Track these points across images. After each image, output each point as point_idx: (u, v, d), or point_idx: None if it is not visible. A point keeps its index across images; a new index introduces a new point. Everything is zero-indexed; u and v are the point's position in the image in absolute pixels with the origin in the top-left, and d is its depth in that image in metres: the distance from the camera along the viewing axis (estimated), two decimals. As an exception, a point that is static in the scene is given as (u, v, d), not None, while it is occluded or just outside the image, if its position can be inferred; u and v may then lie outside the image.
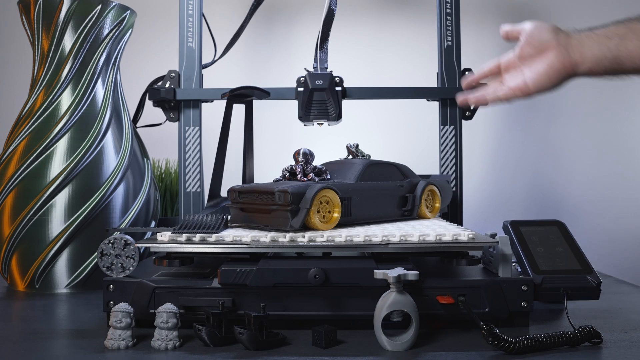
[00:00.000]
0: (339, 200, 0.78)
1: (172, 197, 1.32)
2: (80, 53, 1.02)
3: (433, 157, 1.22)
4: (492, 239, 0.72)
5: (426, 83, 1.30)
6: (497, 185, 1.53)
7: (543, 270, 0.76)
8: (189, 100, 1.14)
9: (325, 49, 1.12)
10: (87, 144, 0.99)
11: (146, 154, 1.12)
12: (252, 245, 0.70)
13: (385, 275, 0.64)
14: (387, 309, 0.63)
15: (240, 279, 0.69)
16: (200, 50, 1.16)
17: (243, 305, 0.70)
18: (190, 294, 0.70)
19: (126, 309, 0.65)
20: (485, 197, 1.52)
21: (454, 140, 1.14)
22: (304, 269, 0.68)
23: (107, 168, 1.00)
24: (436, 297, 0.69)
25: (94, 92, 1.03)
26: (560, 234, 0.83)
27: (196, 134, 1.14)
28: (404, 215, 0.89)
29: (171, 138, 1.28)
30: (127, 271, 0.73)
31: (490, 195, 1.53)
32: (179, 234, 0.74)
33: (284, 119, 1.49)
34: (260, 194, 0.77)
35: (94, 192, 0.98)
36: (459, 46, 1.15)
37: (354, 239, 0.71)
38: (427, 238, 0.72)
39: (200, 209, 1.12)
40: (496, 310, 0.70)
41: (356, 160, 0.89)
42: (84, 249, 0.97)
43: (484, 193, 1.52)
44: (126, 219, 1.01)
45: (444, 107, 1.14)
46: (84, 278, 0.97)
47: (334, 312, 0.70)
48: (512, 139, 1.55)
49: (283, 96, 1.13)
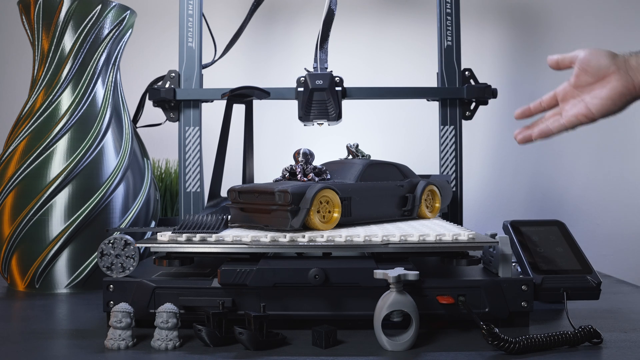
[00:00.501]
0: (339, 200, 0.78)
1: (172, 197, 1.32)
2: (80, 53, 1.02)
3: (433, 157, 1.22)
4: (492, 239, 0.72)
5: (426, 83, 1.30)
6: (497, 185, 1.53)
7: (543, 270, 0.76)
8: (189, 100, 1.14)
9: (325, 49, 1.12)
10: (87, 144, 0.99)
11: (146, 154, 1.12)
12: (252, 245, 0.70)
13: (385, 275, 0.64)
14: (387, 309, 0.63)
15: (240, 279, 0.69)
16: (200, 50, 1.16)
17: (243, 305, 0.70)
18: (190, 294, 0.70)
19: (126, 309, 0.65)
20: (485, 197, 1.52)
21: (454, 140, 1.14)
22: (304, 269, 0.68)
23: (107, 168, 1.00)
24: (436, 297, 0.69)
25: (94, 92, 1.03)
26: (560, 234, 0.83)
27: (196, 134, 1.14)
28: (404, 215, 0.89)
29: (171, 138, 1.28)
30: (127, 271, 0.73)
31: (491, 195, 1.53)
32: (179, 234, 0.74)
33: (284, 119, 1.49)
34: (260, 194, 0.77)
35: (94, 192, 0.98)
36: (459, 46, 1.15)
37: (354, 239, 0.71)
38: (427, 238, 0.72)
39: (200, 209, 1.12)
40: (496, 310, 0.70)
41: (356, 160, 0.89)
42: (84, 249, 0.97)
43: (484, 193, 1.52)
44: (126, 219, 1.01)
45: (444, 107, 1.14)
46: (84, 278, 0.97)
47: (334, 312, 0.70)
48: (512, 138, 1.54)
49: (283, 96, 1.13)
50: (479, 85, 1.13)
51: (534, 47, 1.53)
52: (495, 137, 1.54)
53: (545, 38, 1.53)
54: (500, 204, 1.52)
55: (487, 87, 1.12)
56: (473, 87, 1.13)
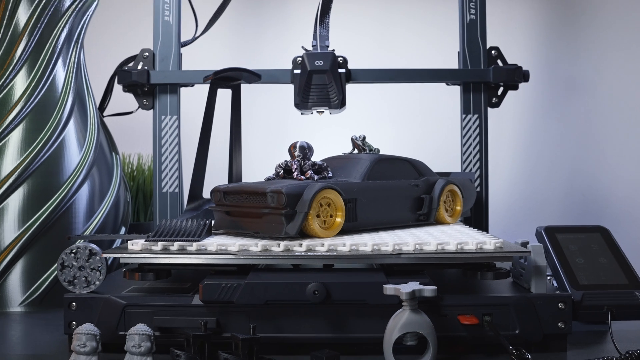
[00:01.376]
0: (342, 203, 0.78)
1: (145, 198, 1.32)
2: (37, 29, 1.02)
3: (453, 151, 1.22)
4: (523, 248, 0.72)
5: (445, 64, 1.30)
6: (530, 184, 1.53)
7: (583, 285, 0.76)
8: (166, 85, 1.14)
9: (327, 23, 1.12)
10: (44, 136, 0.99)
11: (115, 148, 1.12)
12: (240, 255, 0.70)
13: (397, 291, 0.64)
14: (399, 331, 0.63)
15: (226, 295, 0.69)
16: (178, 26, 1.15)
17: (229, 327, 0.70)
18: (166, 313, 0.70)
19: (91, 330, 0.65)
20: (515, 199, 1.52)
21: (478, 132, 1.14)
22: (301, 284, 0.68)
23: (69, 164, 1.00)
24: (457, 317, 0.69)
25: (53, 75, 1.03)
26: (603, 242, 0.83)
27: (174, 124, 1.14)
28: (419, 220, 0.89)
29: (144, 129, 1.28)
30: (93, 286, 0.73)
31: (521, 196, 1.53)
32: (153, 242, 0.73)
33: (278, 107, 1.48)
34: (249, 195, 0.77)
35: (53, 193, 0.98)
36: (484, 20, 1.15)
37: (360, 248, 0.71)
38: (447, 247, 0.72)
39: (179, 212, 1.12)
40: (528, 332, 0.70)
41: (363, 156, 0.89)
42: (41, 261, 0.97)
43: (513, 194, 1.52)
44: (91, 225, 1.01)
45: (467, 93, 1.14)
46: (42, 294, 0.97)
47: (336, 335, 0.70)
48: (547, 130, 1.55)
49: (277, 80, 1.13)
50: (508, 67, 1.13)
51: (573, 21, 1.53)
52: (527, 128, 1.54)
53: (587, 10, 1.53)
54: (532, 207, 1.52)
55: (517, 69, 1.12)
56: (501, 68, 1.12)
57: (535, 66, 1.47)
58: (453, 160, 1.24)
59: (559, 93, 1.53)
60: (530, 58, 1.50)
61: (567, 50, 1.52)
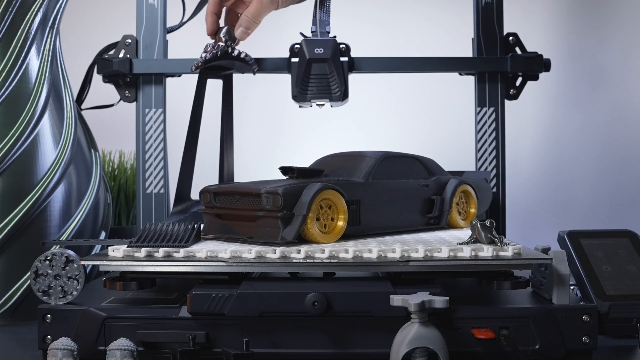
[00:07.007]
0: (344, 205, 0.78)
1: (127, 200, 1.32)
2: (8, 13, 1.02)
3: (467, 148, 1.22)
4: (544, 255, 0.72)
5: (458, 52, 1.30)
6: (551, 184, 1.53)
7: (610, 295, 0.76)
8: (150, 75, 1.14)
9: (327, 7, 1.12)
10: (16, 131, 0.99)
11: (94, 145, 1.12)
12: (232, 262, 0.70)
13: (405, 302, 0.64)
14: (407, 346, 0.63)
15: (217, 306, 0.69)
16: (164, 10, 1.15)
17: (220, 341, 0.70)
18: (151, 327, 0.70)
19: (68, 345, 0.65)
20: (535, 200, 1.52)
21: (494, 127, 1.14)
22: (300, 294, 0.68)
23: (43, 163, 1.00)
24: (471, 331, 0.69)
25: (25, 64, 1.03)
26: (632, 247, 0.83)
27: (159, 119, 1.14)
28: (430, 224, 0.89)
29: (127, 123, 1.28)
30: (70, 296, 0.73)
31: (542, 197, 1.53)
32: (136, 248, 0.74)
33: (273, 99, 1.49)
34: (242, 197, 0.77)
35: (25, 194, 0.98)
36: (500, 4, 1.15)
37: (365, 254, 0.71)
38: (460, 253, 0.72)
39: (165, 215, 1.12)
40: (549, 347, 0.70)
41: (367, 153, 0.89)
42: (13, 269, 0.97)
43: (533, 195, 1.52)
44: (68, 229, 1.01)
45: (482, 83, 1.14)
46: (13, 306, 0.97)
47: (338, 350, 0.70)
48: (570, 124, 1.55)
49: (272, 69, 1.13)
50: (527, 55, 1.13)
51: (599, 4, 1.53)
52: (548, 122, 1.54)
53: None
54: (554, 210, 1.52)
55: (537, 57, 1.12)
56: (519, 57, 1.12)
57: (557, 54, 1.47)
58: (467, 158, 1.24)
59: (584, 84, 1.53)
60: (552, 45, 1.50)
61: (593, 37, 1.52)
